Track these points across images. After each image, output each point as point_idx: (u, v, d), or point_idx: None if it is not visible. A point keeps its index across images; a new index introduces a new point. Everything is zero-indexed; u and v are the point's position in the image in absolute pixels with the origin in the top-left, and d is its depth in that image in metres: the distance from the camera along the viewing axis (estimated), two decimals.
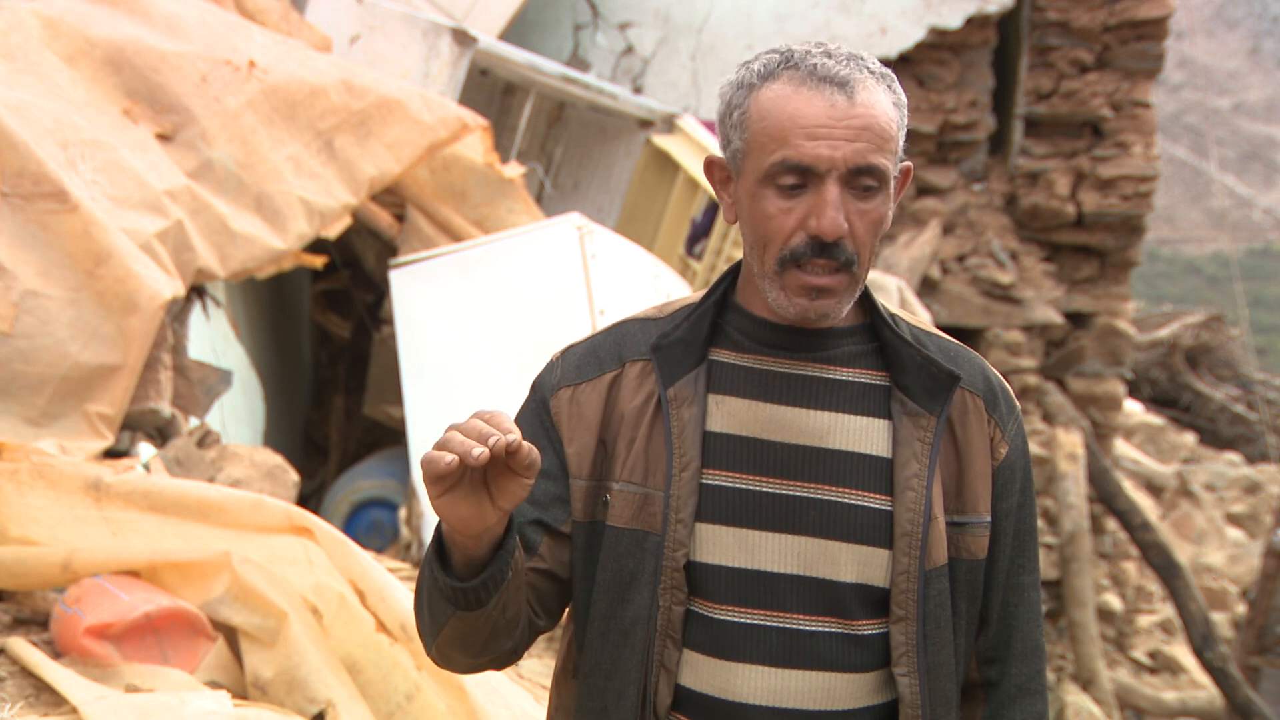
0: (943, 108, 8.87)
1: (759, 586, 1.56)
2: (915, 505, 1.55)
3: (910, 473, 1.56)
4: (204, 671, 2.79)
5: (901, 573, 1.55)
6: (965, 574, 1.59)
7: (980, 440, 1.60)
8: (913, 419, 1.57)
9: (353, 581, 2.97)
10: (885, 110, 1.51)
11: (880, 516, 1.55)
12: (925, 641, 1.56)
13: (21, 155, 3.56)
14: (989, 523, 1.60)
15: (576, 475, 1.62)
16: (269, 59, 4.54)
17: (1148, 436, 16.40)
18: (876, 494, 1.56)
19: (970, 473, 1.59)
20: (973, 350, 1.69)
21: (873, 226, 1.52)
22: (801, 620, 1.55)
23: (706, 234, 6.86)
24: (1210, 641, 8.62)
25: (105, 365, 3.55)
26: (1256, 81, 49.05)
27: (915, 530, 1.54)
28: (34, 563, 2.93)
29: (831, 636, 1.56)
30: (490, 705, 2.80)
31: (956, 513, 1.59)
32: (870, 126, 1.49)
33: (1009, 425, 1.63)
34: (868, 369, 1.60)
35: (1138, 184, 8.94)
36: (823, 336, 1.59)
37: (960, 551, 1.59)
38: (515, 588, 1.52)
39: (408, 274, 4.76)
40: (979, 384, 1.63)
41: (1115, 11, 8.95)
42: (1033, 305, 8.95)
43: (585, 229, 4.58)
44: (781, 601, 1.55)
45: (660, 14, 9.01)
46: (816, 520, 1.55)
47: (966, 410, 1.60)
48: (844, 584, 1.55)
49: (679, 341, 1.60)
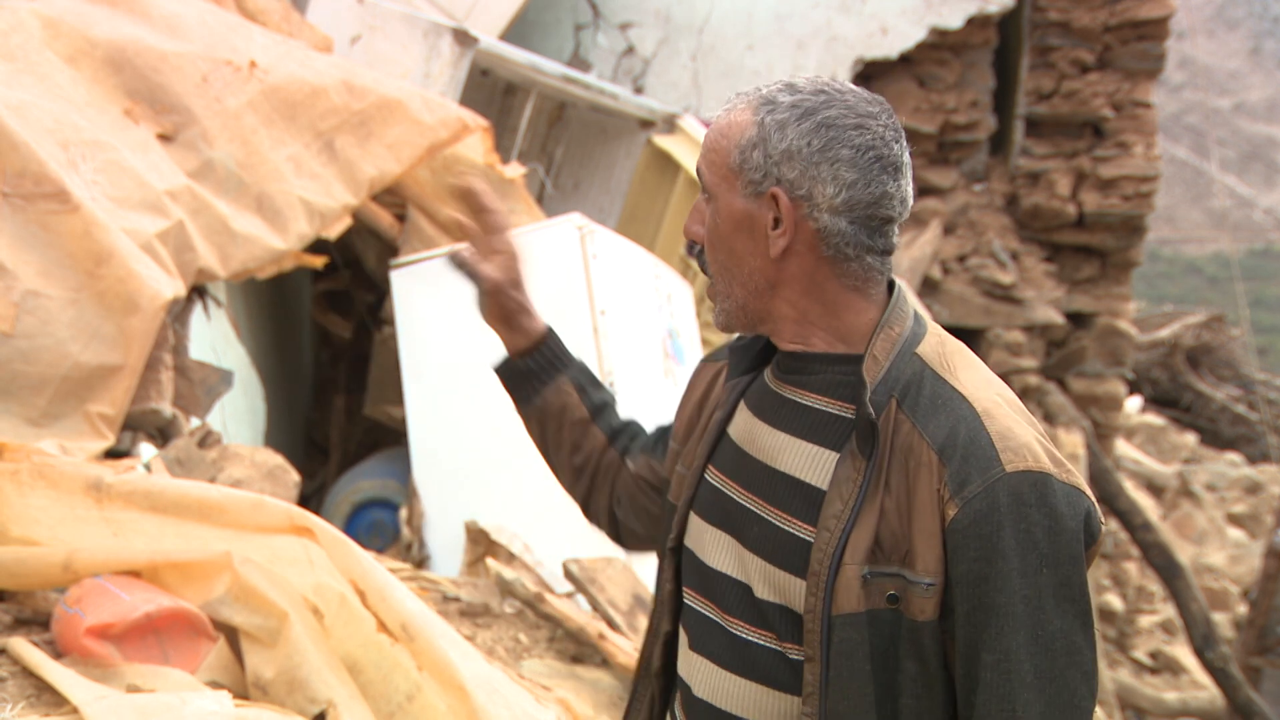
0: (943, 108, 8.86)
1: (715, 584, 1.64)
2: (827, 546, 1.51)
3: (832, 511, 1.51)
4: (205, 672, 2.79)
5: (809, 611, 1.52)
6: (906, 633, 1.48)
7: (927, 496, 1.47)
8: (853, 459, 1.52)
9: (354, 582, 2.97)
10: (732, 126, 1.58)
11: (804, 546, 1.54)
12: (827, 687, 1.51)
13: (22, 155, 3.56)
14: (932, 585, 1.46)
15: (674, 438, 1.82)
16: (270, 59, 4.53)
17: (1148, 437, 16.40)
18: (806, 524, 1.55)
19: (913, 528, 1.48)
20: (975, 405, 1.51)
21: (708, 234, 1.62)
22: (741, 626, 1.60)
23: None
24: (1211, 642, 8.61)
25: (106, 365, 3.55)
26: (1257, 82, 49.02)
27: (822, 570, 1.51)
28: (35, 563, 2.93)
29: (766, 650, 1.58)
30: (491, 705, 2.80)
31: (875, 562, 1.49)
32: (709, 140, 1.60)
33: (967, 487, 1.44)
34: (841, 400, 1.57)
35: (1139, 184, 8.94)
36: (801, 360, 1.61)
37: (879, 603, 1.49)
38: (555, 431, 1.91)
39: (408, 274, 4.76)
40: (940, 438, 1.48)
41: (1116, 12, 8.95)
42: (1034, 305, 8.95)
43: (586, 229, 4.58)
44: (728, 604, 1.62)
45: (661, 14, 9.01)
46: (756, 536, 1.60)
47: (919, 464, 1.48)
48: (767, 602, 1.57)
49: (743, 348, 1.73)
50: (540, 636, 3.73)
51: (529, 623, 3.78)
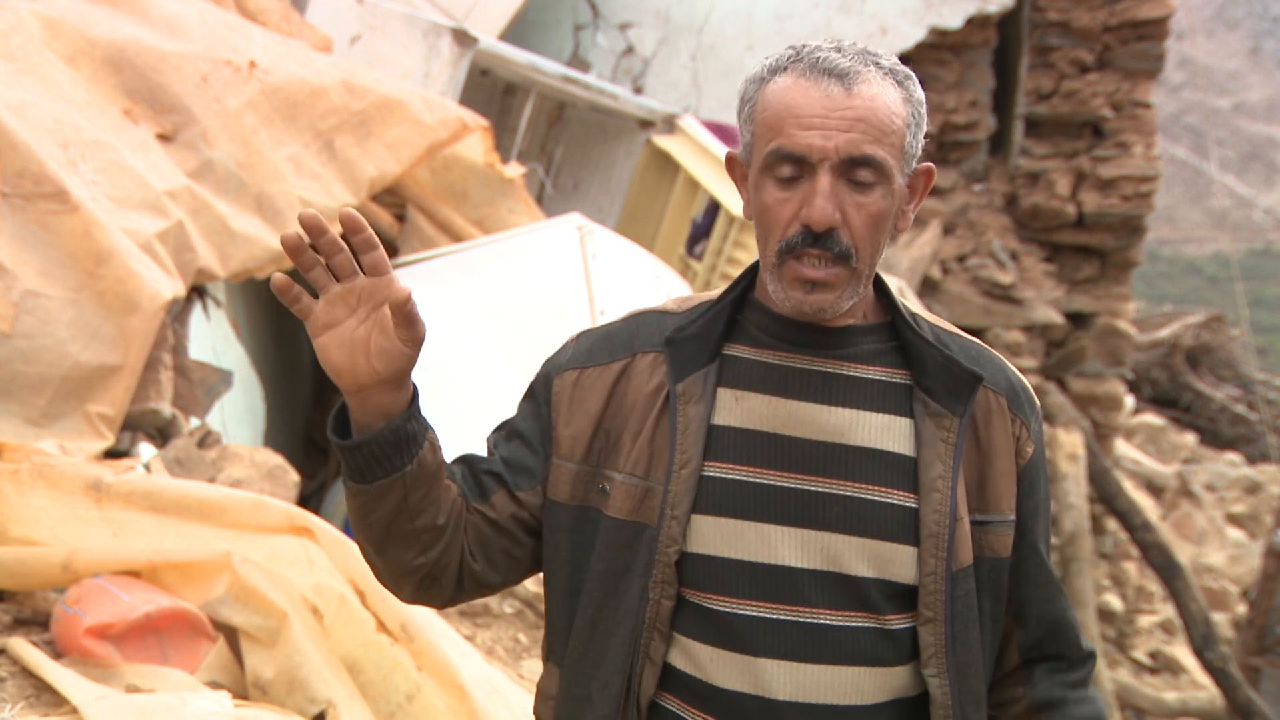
0: (943, 108, 8.87)
1: (780, 581, 1.55)
2: (941, 506, 1.54)
3: (935, 474, 1.55)
4: (204, 672, 2.79)
5: (929, 574, 1.54)
6: (989, 572, 1.59)
7: (1004, 440, 1.60)
8: (935, 419, 1.57)
9: (353, 582, 2.97)
10: (886, 104, 1.50)
11: (905, 514, 1.55)
12: (954, 642, 1.55)
13: (22, 155, 3.56)
14: (1013, 521, 1.60)
15: (568, 458, 1.62)
16: (269, 59, 4.54)
17: (1148, 437, 16.40)
18: (901, 491, 1.56)
19: (993, 472, 1.59)
20: (993, 349, 1.69)
21: (871, 220, 1.51)
22: (826, 615, 1.54)
23: (707, 234, 6.86)
24: (1211, 642, 8.61)
25: (106, 365, 3.55)
26: (1257, 82, 49.04)
27: (941, 531, 1.54)
28: (34, 563, 2.93)
29: (860, 631, 1.55)
30: (491, 705, 2.80)
31: (979, 512, 1.58)
32: (866, 118, 1.48)
33: (1033, 424, 1.63)
34: (888, 367, 1.59)
35: (1138, 184, 8.94)
36: (843, 333, 1.59)
37: (984, 550, 1.58)
38: (421, 496, 1.55)
39: (408, 274, 4.76)
40: (1001, 383, 1.62)
41: (1116, 12, 8.95)
42: (1033, 305, 8.95)
43: (586, 229, 4.58)
44: (805, 597, 1.54)
45: (661, 14, 9.01)
46: (839, 516, 1.55)
47: (990, 410, 1.60)
48: (867, 579, 1.55)
49: (693, 337, 1.61)
50: (539, 636, 3.73)
51: (528, 623, 3.78)
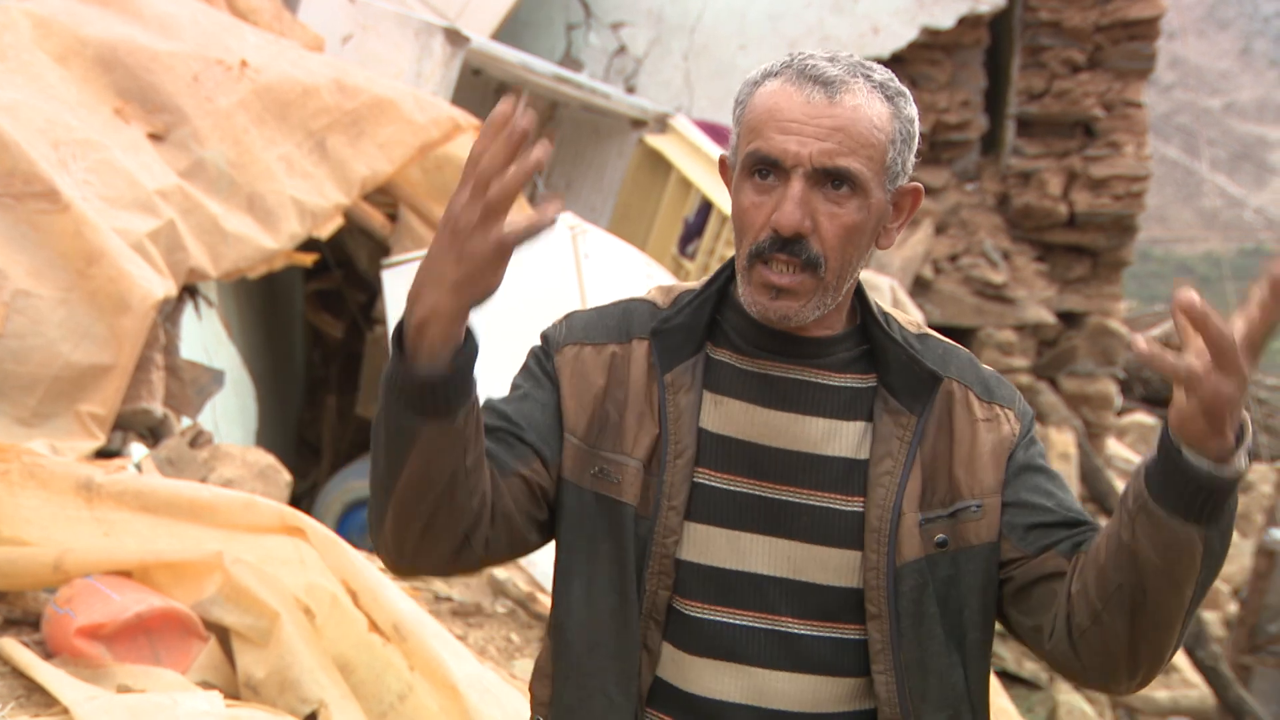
0: (935, 108, 8.88)
1: (749, 588, 1.56)
2: (884, 501, 1.54)
3: (883, 469, 1.55)
4: (196, 672, 2.79)
5: (871, 569, 1.54)
6: (967, 564, 1.56)
7: (975, 425, 1.59)
8: (894, 416, 1.57)
9: (345, 582, 2.97)
10: (869, 116, 1.49)
11: (853, 519, 1.56)
12: (900, 638, 1.54)
13: (13, 155, 3.56)
14: (980, 506, 1.57)
15: (572, 431, 1.60)
16: (261, 59, 4.53)
17: (1140, 436, 16.43)
18: (853, 496, 1.56)
19: (959, 458, 1.58)
20: (966, 349, 1.69)
21: (843, 230, 1.50)
22: (790, 623, 1.56)
23: (699, 234, 6.86)
24: (1202, 640, 8.64)
25: (97, 365, 3.54)
26: (1248, 82, 49.16)
27: (883, 526, 1.54)
28: (25, 563, 2.93)
29: (820, 640, 1.56)
30: (483, 705, 2.80)
31: (944, 505, 1.56)
32: (845, 129, 1.48)
33: (1017, 404, 1.64)
34: (858, 374, 1.60)
35: (1129, 184, 8.96)
36: (818, 343, 1.59)
37: (954, 544, 1.56)
38: (477, 430, 1.48)
39: (400, 274, 4.76)
40: (970, 377, 1.62)
41: (1107, 11, 8.97)
42: (1025, 305, 8.97)
43: (578, 229, 4.58)
44: (772, 604, 1.56)
45: (653, 14, 9.01)
46: (808, 525, 1.56)
47: (956, 402, 1.60)
48: (830, 587, 1.56)
49: (679, 328, 1.61)
50: (532, 636, 3.73)
51: (521, 622, 3.78)
